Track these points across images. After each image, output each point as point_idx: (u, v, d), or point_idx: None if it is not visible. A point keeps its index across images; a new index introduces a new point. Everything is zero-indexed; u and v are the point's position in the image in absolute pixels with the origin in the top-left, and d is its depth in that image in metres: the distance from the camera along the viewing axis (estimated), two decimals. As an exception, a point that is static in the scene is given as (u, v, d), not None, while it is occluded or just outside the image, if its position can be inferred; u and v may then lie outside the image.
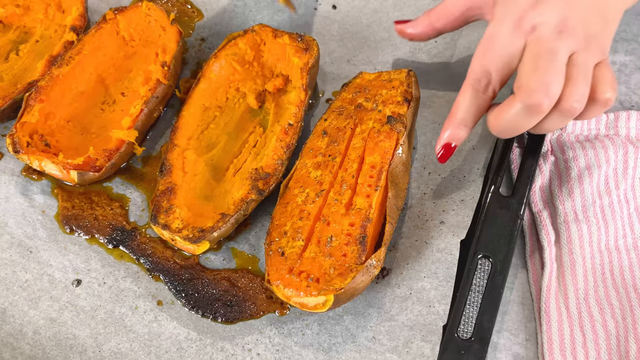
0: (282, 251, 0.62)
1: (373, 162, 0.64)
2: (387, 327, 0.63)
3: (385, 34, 0.83)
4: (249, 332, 0.64)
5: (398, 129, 0.65)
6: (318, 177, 0.65)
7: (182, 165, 0.70)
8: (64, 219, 0.70)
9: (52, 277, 0.67)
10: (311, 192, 0.65)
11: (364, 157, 0.65)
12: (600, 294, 0.64)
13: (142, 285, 0.66)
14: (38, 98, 0.71)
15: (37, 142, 0.70)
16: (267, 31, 0.75)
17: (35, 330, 0.64)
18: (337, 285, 0.58)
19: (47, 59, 0.76)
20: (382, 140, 0.65)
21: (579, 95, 0.57)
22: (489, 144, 0.72)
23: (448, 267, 0.65)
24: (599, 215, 0.68)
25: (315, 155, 0.68)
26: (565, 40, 0.58)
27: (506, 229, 0.64)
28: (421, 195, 0.71)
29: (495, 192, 0.66)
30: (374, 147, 0.65)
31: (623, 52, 0.81)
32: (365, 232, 0.60)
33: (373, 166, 0.64)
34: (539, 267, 0.67)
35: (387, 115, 0.66)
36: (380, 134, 0.65)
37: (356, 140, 0.66)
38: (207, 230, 0.65)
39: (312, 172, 0.66)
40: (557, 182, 0.70)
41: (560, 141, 0.73)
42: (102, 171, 0.70)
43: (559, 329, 0.62)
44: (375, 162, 0.64)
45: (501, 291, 0.61)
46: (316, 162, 0.67)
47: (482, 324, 0.59)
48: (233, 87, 0.76)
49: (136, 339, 0.63)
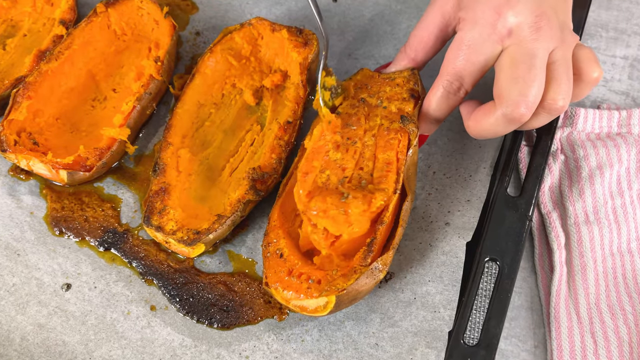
0: (280, 252, 0.62)
1: (387, 159, 0.64)
2: (390, 333, 0.63)
3: (387, 27, 0.82)
4: (246, 338, 0.64)
5: (410, 129, 0.65)
6: (339, 160, 0.65)
7: (176, 164, 0.70)
8: (53, 221, 0.70)
9: (41, 281, 0.66)
10: (332, 177, 0.64)
11: (376, 155, 0.65)
12: (612, 299, 0.64)
13: (135, 290, 0.66)
14: (26, 94, 0.71)
15: (25, 141, 0.70)
16: (265, 25, 0.75)
17: (23, 337, 0.64)
18: (339, 286, 0.57)
19: (36, 53, 0.76)
20: (393, 139, 0.64)
21: (564, 94, 0.59)
22: (496, 142, 0.72)
23: (453, 270, 0.65)
24: (611, 216, 0.68)
25: (334, 131, 0.67)
26: (543, 40, 0.59)
27: (514, 230, 0.64)
28: (426, 195, 0.71)
29: (503, 193, 0.65)
30: (385, 146, 0.64)
31: (636, 46, 0.81)
32: (376, 235, 0.60)
33: (389, 162, 0.63)
34: (548, 271, 0.67)
35: (398, 113, 0.66)
36: (390, 132, 0.65)
37: (367, 137, 0.66)
38: (203, 232, 0.64)
39: (332, 152, 0.65)
40: (567, 182, 0.70)
41: (571, 139, 0.72)
42: (92, 171, 0.69)
43: (569, 336, 0.62)
44: (390, 159, 0.64)
45: (509, 295, 0.61)
46: (335, 140, 0.66)
47: (489, 329, 0.59)
48: (229, 83, 0.76)
49: (128, 345, 0.63)
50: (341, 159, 0.65)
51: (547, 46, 0.59)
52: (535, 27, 0.59)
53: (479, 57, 0.61)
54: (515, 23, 0.59)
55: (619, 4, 0.84)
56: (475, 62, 0.61)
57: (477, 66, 0.62)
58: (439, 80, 0.64)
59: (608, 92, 0.79)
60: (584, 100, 0.78)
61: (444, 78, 0.63)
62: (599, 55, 0.81)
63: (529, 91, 0.58)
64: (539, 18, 0.59)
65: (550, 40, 0.59)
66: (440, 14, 0.66)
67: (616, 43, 0.82)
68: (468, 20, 0.62)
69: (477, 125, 0.62)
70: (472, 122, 0.63)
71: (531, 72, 0.58)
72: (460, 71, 0.62)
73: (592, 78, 0.61)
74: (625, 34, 0.82)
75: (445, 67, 0.63)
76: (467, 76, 0.62)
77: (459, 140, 0.74)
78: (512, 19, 0.59)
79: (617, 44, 0.82)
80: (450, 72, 0.63)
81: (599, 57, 0.81)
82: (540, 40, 0.59)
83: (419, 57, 0.69)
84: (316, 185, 0.63)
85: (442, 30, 0.66)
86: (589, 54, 0.61)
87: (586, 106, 0.77)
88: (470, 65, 0.62)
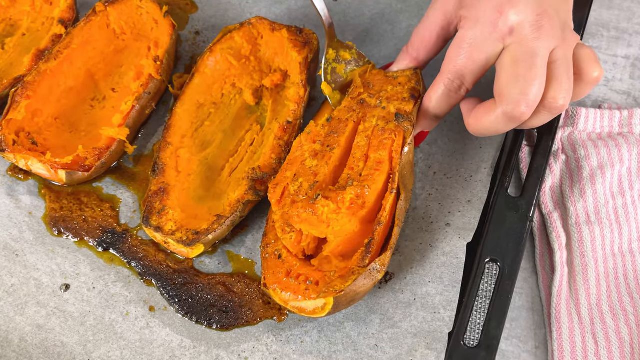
0: (279, 254, 0.62)
1: (379, 158, 0.64)
2: (389, 334, 0.63)
3: (388, 27, 0.82)
4: (245, 339, 0.64)
5: (405, 127, 0.65)
6: (313, 167, 0.65)
7: (175, 164, 0.70)
8: (51, 221, 0.70)
9: (39, 282, 0.67)
10: (304, 183, 0.64)
11: (368, 155, 0.65)
12: (613, 300, 0.64)
13: (134, 290, 0.66)
14: (25, 94, 0.71)
15: (24, 141, 0.70)
16: (265, 24, 0.75)
17: (21, 338, 0.64)
18: (337, 288, 0.57)
19: (34, 53, 0.76)
20: (387, 139, 0.64)
21: (564, 93, 0.59)
22: (496, 142, 0.72)
23: (454, 271, 0.65)
24: (612, 217, 0.68)
25: (314, 140, 0.67)
26: (544, 39, 0.59)
27: (515, 231, 0.64)
28: (426, 196, 0.71)
29: (504, 193, 0.65)
30: (378, 146, 0.65)
31: (637, 46, 0.81)
32: (374, 236, 0.60)
33: (379, 162, 0.64)
34: (549, 271, 0.67)
35: (394, 113, 0.66)
36: (384, 132, 0.65)
37: (360, 138, 0.66)
38: (202, 233, 0.64)
39: (308, 160, 0.66)
40: (569, 182, 0.70)
41: (572, 139, 0.72)
42: (91, 171, 0.69)
43: (571, 336, 0.62)
44: (381, 158, 0.64)
45: (509, 297, 0.61)
46: (313, 149, 0.67)
47: (490, 331, 0.59)
48: (229, 82, 0.76)
49: (127, 346, 0.63)
50: (316, 165, 0.65)
51: (548, 45, 0.59)
52: (537, 26, 0.59)
53: (480, 56, 0.61)
54: (516, 21, 0.60)
55: (620, 3, 0.84)
56: (477, 61, 0.62)
57: (478, 64, 0.62)
58: (440, 78, 0.64)
59: (609, 92, 0.79)
60: (585, 100, 0.78)
61: (445, 76, 0.63)
62: (600, 54, 0.81)
63: (529, 90, 0.58)
64: (541, 17, 0.59)
65: (552, 39, 0.60)
66: (442, 12, 0.66)
67: (617, 42, 0.82)
68: (470, 18, 0.62)
69: (478, 123, 0.62)
70: (473, 119, 0.63)
71: (532, 71, 0.58)
72: (461, 69, 0.62)
73: (593, 78, 0.61)
74: (626, 33, 0.82)
75: (447, 65, 0.63)
76: (468, 74, 0.63)
77: (459, 140, 0.74)
78: (513, 18, 0.60)
79: (619, 44, 0.82)
80: (452, 70, 0.63)
81: (600, 57, 0.81)
82: (542, 39, 0.59)
83: (421, 56, 0.69)
84: (288, 193, 0.64)
85: (444, 29, 0.67)
86: (590, 53, 0.61)
87: (587, 106, 0.77)
88: (472, 64, 0.62)
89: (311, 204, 0.61)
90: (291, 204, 0.62)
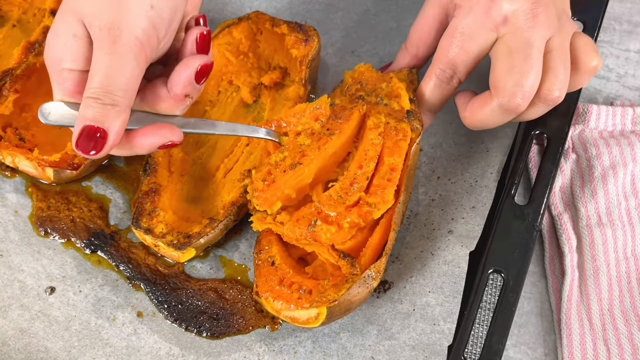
0: (272, 260, 0.61)
1: (393, 164, 0.63)
2: (387, 346, 0.62)
3: (393, 24, 0.82)
4: (236, 348, 0.63)
5: (415, 127, 0.64)
6: (304, 146, 0.64)
7: (167, 164, 0.69)
8: (38, 221, 0.69)
9: (24, 284, 0.66)
10: (288, 159, 0.63)
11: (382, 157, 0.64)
12: (625, 305, 0.64)
13: (122, 295, 0.66)
14: (13, 88, 0.71)
15: (11, 136, 0.70)
16: (264, 19, 0.75)
17: (3, 342, 0.63)
18: (330, 297, 0.57)
19: (24, 45, 0.75)
20: (402, 140, 0.64)
21: (560, 84, 0.60)
22: (504, 146, 0.72)
23: (455, 281, 0.64)
24: (625, 218, 0.67)
25: (316, 117, 0.66)
26: (539, 28, 0.59)
27: (521, 241, 0.63)
28: (429, 201, 0.70)
29: (510, 201, 0.65)
30: (393, 148, 0.63)
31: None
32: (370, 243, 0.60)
33: (393, 169, 0.63)
34: (559, 275, 0.66)
35: (405, 110, 0.65)
36: (398, 132, 0.64)
37: (373, 135, 0.65)
38: (194, 236, 0.64)
39: (302, 136, 0.65)
40: (579, 183, 0.70)
41: (583, 138, 0.72)
42: (80, 169, 0.69)
43: (581, 343, 0.62)
44: (395, 164, 0.63)
45: (513, 310, 0.60)
46: (311, 127, 0.65)
47: (492, 345, 0.59)
48: (226, 79, 0.76)
49: (113, 353, 0.63)
50: (307, 145, 0.64)
51: (544, 34, 0.60)
52: (532, 15, 0.60)
53: (473, 45, 0.62)
54: (510, 10, 0.60)
55: (633, -5, 0.83)
56: (469, 50, 0.62)
57: (470, 54, 0.62)
58: (432, 68, 0.64)
59: (622, 88, 0.78)
60: (596, 97, 0.77)
61: (437, 66, 0.64)
62: (612, 49, 0.80)
63: (525, 81, 0.59)
64: (535, 5, 0.60)
65: (547, 28, 0.60)
66: (438, 5, 0.66)
67: (630, 37, 0.81)
68: (463, 7, 0.63)
69: (474, 116, 0.63)
70: (469, 113, 0.64)
71: (527, 62, 0.59)
72: (453, 59, 0.63)
73: (590, 67, 0.62)
74: (633, 25, 0.81)
75: (438, 55, 0.64)
76: (460, 64, 0.63)
77: (465, 144, 0.73)
78: (507, 6, 0.60)
79: (631, 38, 0.81)
80: (443, 60, 0.63)
81: (612, 52, 0.80)
82: (537, 28, 0.59)
83: (420, 52, 0.69)
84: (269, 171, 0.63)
85: (441, 23, 0.67)
86: (588, 42, 0.62)
87: (599, 103, 0.77)
88: (464, 54, 0.62)
89: (311, 232, 0.60)
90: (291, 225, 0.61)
